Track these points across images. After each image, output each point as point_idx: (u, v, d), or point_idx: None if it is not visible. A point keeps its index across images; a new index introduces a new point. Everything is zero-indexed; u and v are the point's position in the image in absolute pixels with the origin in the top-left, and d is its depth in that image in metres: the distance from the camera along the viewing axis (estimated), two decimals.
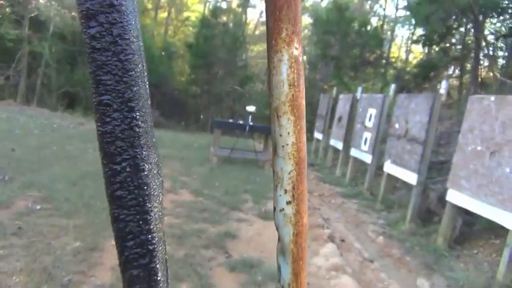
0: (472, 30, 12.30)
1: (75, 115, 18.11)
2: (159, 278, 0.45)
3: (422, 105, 6.31)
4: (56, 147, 9.13)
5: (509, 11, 11.13)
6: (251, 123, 9.64)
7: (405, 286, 4.29)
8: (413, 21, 15.69)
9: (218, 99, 23.60)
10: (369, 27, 17.35)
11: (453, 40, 13.57)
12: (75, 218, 4.67)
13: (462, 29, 13.01)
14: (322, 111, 12.87)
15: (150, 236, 0.44)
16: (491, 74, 12.33)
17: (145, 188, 0.43)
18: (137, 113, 0.43)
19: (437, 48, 14.11)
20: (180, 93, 24.42)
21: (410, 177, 6.28)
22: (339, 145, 10.39)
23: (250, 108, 9.83)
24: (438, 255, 5.07)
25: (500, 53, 12.74)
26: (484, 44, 11.77)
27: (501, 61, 12.84)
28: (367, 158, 8.30)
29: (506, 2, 10.85)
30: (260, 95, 22.00)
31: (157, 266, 0.45)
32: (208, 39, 21.53)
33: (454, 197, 5.13)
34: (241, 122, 10.51)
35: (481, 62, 12.56)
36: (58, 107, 19.37)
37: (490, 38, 12.34)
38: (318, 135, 13.20)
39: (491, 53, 12.01)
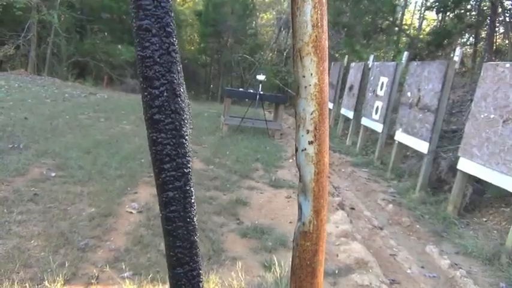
0: None
1: (86, 84, 18.15)
2: (192, 201, 0.48)
3: (435, 73, 6.21)
4: (68, 116, 9.21)
5: None
6: (261, 92, 9.59)
7: (414, 253, 4.35)
8: None
9: (228, 68, 23.46)
10: None
11: (468, 6, 13.19)
12: (89, 185, 4.76)
13: None
14: (333, 80, 12.74)
15: (185, 160, 0.46)
16: (507, 42, 12.04)
17: (182, 112, 0.45)
18: (174, 38, 0.45)
19: (451, 15, 13.75)
20: (190, 62, 24.26)
21: (422, 146, 6.26)
22: (350, 114, 10.33)
23: (260, 77, 9.76)
24: (448, 223, 5.10)
25: None
26: (500, 10, 11.44)
27: None
28: (378, 127, 8.25)
29: None
30: (270, 63, 21.77)
31: (192, 188, 0.47)
32: (217, 6, 21.20)
33: (465, 165, 5.11)
34: (251, 91, 10.47)
35: (497, 28, 12.23)
36: (69, 77, 19.40)
37: (507, 3, 11.97)
38: (328, 105, 13.10)
39: (507, 19, 11.69)
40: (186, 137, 0.47)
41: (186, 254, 0.50)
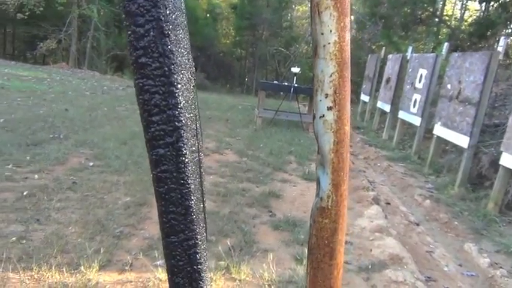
0: None
1: (124, 78, 18.55)
2: (187, 160, 0.43)
3: (477, 64, 5.97)
4: (106, 108, 9.44)
5: None
6: (296, 85, 9.51)
7: (452, 250, 4.21)
8: None
9: (263, 62, 23.41)
10: None
11: None
12: (125, 175, 4.86)
13: None
14: (370, 73, 12.49)
15: (176, 112, 0.41)
16: None
17: (171, 56, 0.40)
18: None
19: (495, 4, 13.16)
20: (225, 55, 24.38)
21: (462, 140, 6.04)
22: (387, 107, 10.10)
23: (295, 70, 9.67)
24: (488, 221, 4.90)
25: None
26: None
27: None
28: (416, 121, 8.03)
29: None
30: (305, 56, 21.57)
31: (185, 146, 0.42)
32: None
33: (508, 160, 4.90)
34: (285, 84, 10.39)
35: None
36: (107, 70, 19.90)
37: None
38: (364, 98, 12.88)
39: None
40: (178, 86, 0.41)
41: (180, 220, 0.45)
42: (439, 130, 6.84)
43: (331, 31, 0.40)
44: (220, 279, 2.87)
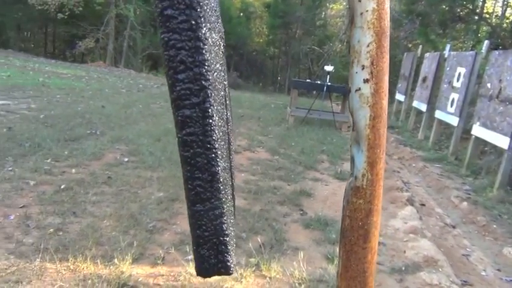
0: None
1: (158, 76, 18.87)
2: (213, 123, 0.40)
3: None
4: (141, 105, 9.63)
5: None
6: (329, 83, 9.41)
7: (490, 254, 4.06)
8: None
9: (296, 60, 23.31)
10: None
11: None
12: (158, 170, 4.94)
13: None
14: (405, 72, 12.22)
15: (204, 70, 0.38)
16: None
17: (198, 8, 0.37)
18: None
19: None
20: (258, 54, 24.42)
21: (502, 141, 5.81)
22: (423, 107, 9.85)
23: (328, 68, 9.58)
24: None
25: None
26: None
27: None
28: (454, 121, 7.79)
29: None
30: (339, 55, 21.32)
31: (212, 107, 0.39)
32: None
33: None
34: (318, 82, 10.30)
35: None
36: (143, 68, 20.31)
37: None
38: (399, 97, 12.61)
39: None
40: (206, 42, 0.38)
41: (206, 188, 0.42)
42: (478, 130, 6.62)
43: None
44: (250, 276, 2.87)
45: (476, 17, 15.71)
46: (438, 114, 8.59)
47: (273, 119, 10.03)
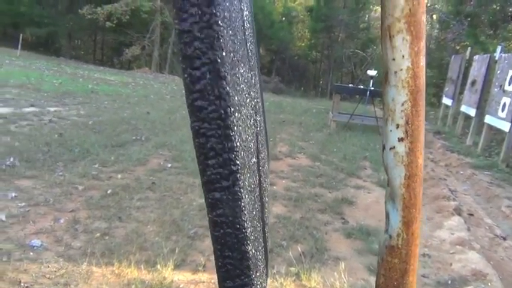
0: None
1: None
2: (243, 204, 0.42)
3: None
4: (184, 111, 9.79)
5: None
6: (372, 88, 9.25)
7: None
8: None
9: (338, 64, 23.06)
10: None
11: None
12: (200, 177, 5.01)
13: None
14: (453, 75, 11.82)
15: (233, 155, 0.40)
16: None
17: (227, 98, 0.39)
18: (216, 8, 0.37)
19: None
20: (300, 58, 24.35)
21: None
22: (471, 112, 9.48)
23: (372, 72, 9.41)
24: None
25: None
26: None
27: None
28: (505, 126, 7.45)
29: None
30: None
31: (242, 190, 0.41)
32: (329, 1, 20.98)
33: None
34: (361, 87, 10.15)
35: None
36: None
37: None
38: (446, 101, 12.20)
39: None
40: (235, 128, 0.40)
41: (236, 265, 0.44)
42: None
43: (403, 56, 0.37)
44: (290, 286, 2.86)
45: None
46: (488, 119, 8.24)
47: (314, 125, 9.96)
